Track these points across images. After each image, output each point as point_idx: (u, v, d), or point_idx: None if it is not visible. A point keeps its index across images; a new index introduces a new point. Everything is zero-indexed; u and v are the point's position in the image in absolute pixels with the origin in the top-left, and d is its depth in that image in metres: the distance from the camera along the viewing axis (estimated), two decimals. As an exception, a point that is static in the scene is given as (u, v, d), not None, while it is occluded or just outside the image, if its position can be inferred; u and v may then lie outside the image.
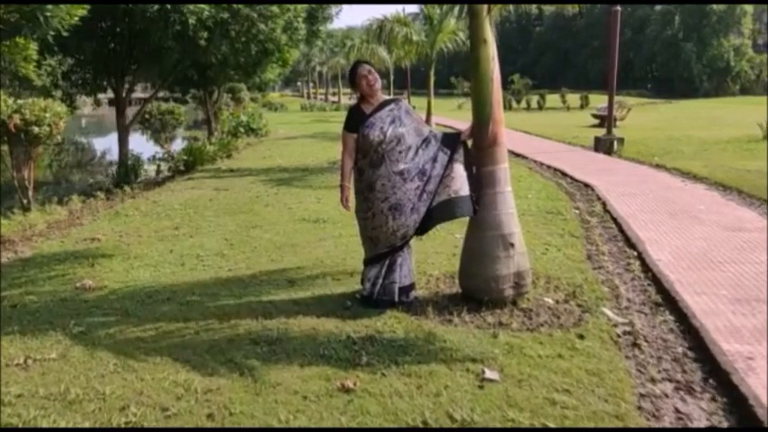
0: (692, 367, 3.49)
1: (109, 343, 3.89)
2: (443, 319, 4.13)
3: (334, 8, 19.51)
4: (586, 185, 9.61)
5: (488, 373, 3.33)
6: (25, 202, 8.85)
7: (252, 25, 12.35)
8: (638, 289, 4.86)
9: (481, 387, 3.21)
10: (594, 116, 23.70)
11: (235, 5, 11.49)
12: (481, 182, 4.30)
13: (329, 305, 4.45)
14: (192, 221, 7.72)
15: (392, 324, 4.07)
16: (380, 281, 4.39)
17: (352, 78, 4.41)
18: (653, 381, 3.32)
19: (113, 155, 16.19)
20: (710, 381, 3.31)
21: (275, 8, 12.62)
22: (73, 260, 5.95)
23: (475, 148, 4.37)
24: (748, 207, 7.78)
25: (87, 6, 6.63)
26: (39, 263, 5.94)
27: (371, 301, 4.39)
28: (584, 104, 35.69)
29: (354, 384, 3.23)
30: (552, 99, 38.09)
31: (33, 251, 6.45)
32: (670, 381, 3.33)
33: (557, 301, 4.43)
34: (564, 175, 10.96)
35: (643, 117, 26.05)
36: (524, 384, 3.23)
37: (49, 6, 5.10)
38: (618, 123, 18.19)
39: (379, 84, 4.35)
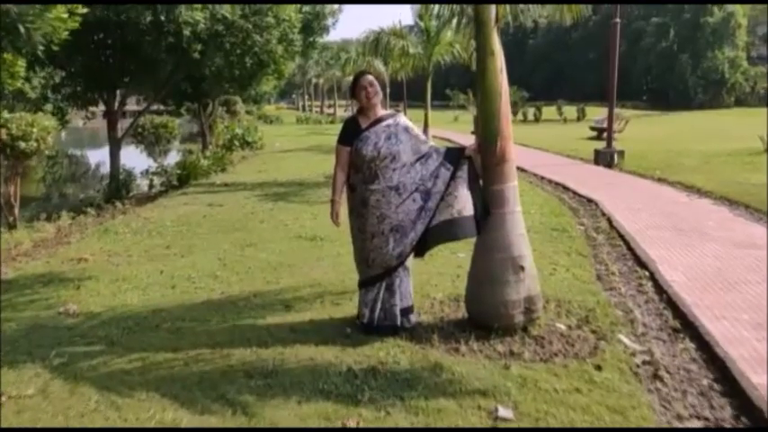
0: (721, 402, 3.23)
1: (92, 376, 3.62)
2: (450, 347, 3.87)
3: (330, 19, 19.35)
4: (590, 200, 9.39)
5: (502, 411, 3.07)
6: (11, 219, 8.56)
7: (247, 37, 12.17)
8: (654, 312, 4.61)
9: (495, 427, 2.95)
10: (593, 129, 23.57)
11: (230, 17, 11.29)
12: (489, 202, 4.06)
13: (328, 332, 4.18)
14: (184, 240, 7.45)
15: (395, 354, 3.80)
16: (379, 305, 4.13)
17: (353, 88, 4.18)
18: (680, 418, 3.08)
19: (107, 167, 15.94)
20: (742, 418, 3.06)
21: (270, 19, 12.45)
22: (58, 282, 5.66)
23: (482, 166, 4.13)
24: (757, 222, 7.57)
25: (78, 19, 6.37)
26: (21, 285, 5.65)
27: (372, 328, 4.13)
28: (581, 117, 35.74)
29: (357, 424, 2.97)
30: (548, 111, 38.10)
31: (17, 272, 6.16)
32: (698, 418, 3.09)
33: (569, 327, 4.17)
34: (566, 189, 10.75)
35: (640, 129, 25.93)
36: (542, 423, 2.98)
37: (30, 17, 4.82)
38: (616, 136, 18.01)
39: (378, 97, 4.11)
